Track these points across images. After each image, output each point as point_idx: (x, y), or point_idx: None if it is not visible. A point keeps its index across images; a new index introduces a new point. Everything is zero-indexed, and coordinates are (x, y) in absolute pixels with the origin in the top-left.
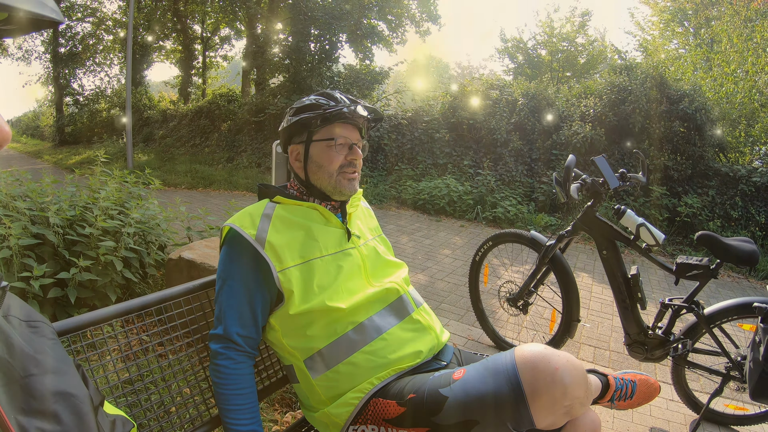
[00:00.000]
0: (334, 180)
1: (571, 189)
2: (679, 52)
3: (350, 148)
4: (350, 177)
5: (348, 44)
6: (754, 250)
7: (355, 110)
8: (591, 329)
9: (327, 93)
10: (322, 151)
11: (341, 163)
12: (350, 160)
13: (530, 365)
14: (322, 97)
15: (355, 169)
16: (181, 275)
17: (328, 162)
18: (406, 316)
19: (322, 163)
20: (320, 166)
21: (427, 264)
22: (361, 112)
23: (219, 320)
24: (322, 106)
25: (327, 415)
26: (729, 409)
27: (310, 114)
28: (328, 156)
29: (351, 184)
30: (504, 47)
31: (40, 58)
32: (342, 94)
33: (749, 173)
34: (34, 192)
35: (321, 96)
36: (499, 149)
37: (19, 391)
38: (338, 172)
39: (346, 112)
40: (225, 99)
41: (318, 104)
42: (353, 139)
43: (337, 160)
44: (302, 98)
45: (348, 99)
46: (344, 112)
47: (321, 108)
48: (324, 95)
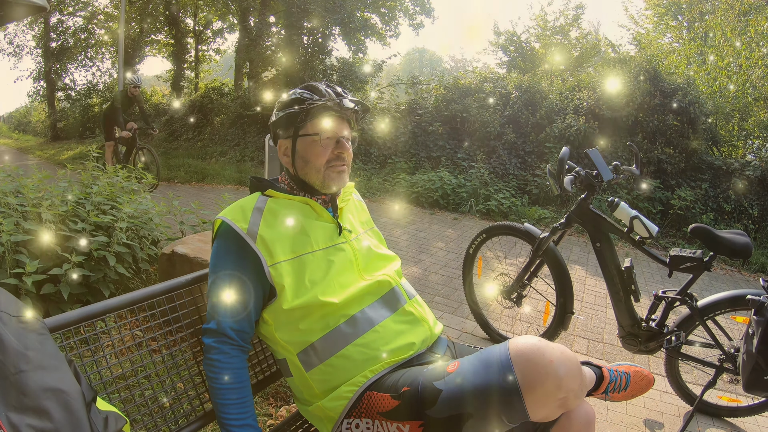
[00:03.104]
0: (322, 175)
1: (565, 181)
2: (672, 45)
3: (337, 141)
4: (339, 170)
5: (341, 37)
6: (747, 243)
7: (340, 103)
8: (585, 321)
9: (311, 86)
10: (308, 146)
11: (328, 158)
12: (338, 154)
13: (524, 358)
14: (306, 91)
15: (344, 162)
16: (175, 270)
17: (314, 157)
18: (399, 308)
19: (308, 158)
20: (307, 162)
21: (420, 257)
22: (346, 104)
23: (212, 314)
24: (306, 100)
25: (321, 408)
26: (722, 400)
27: (294, 109)
28: (314, 151)
29: (340, 177)
30: (497, 40)
31: (31, 53)
32: (327, 86)
33: (742, 167)
34: (26, 188)
35: (305, 89)
36: (493, 142)
37: (9, 387)
38: (326, 166)
39: (330, 106)
40: (218, 93)
41: (302, 98)
42: (340, 132)
43: (324, 155)
44: (289, 91)
45: (333, 91)
46: (328, 105)
47: (305, 102)
48: (308, 88)
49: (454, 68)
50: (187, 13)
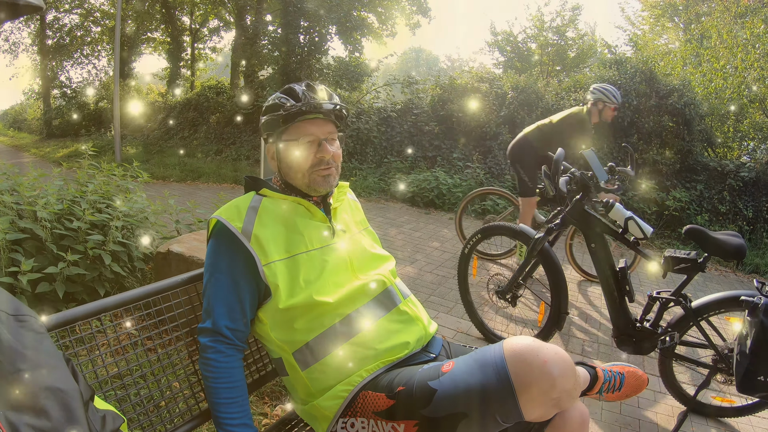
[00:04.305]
0: (307, 179)
1: (560, 182)
2: (669, 47)
3: (320, 144)
4: (324, 174)
5: (338, 36)
6: (742, 244)
7: (317, 105)
8: (579, 322)
9: (289, 89)
10: (290, 151)
11: (312, 162)
12: (320, 158)
13: (519, 358)
14: (284, 96)
15: (329, 165)
16: (170, 269)
17: (296, 162)
18: (393, 308)
19: (291, 163)
20: (290, 167)
21: (416, 256)
22: (325, 106)
23: (207, 314)
24: (283, 105)
25: (316, 408)
26: (716, 401)
27: (273, 115)
28: (296, 156)
29: (326, 180)
30: (494, 40)
31: (27, 51)
32: (306, 88)
33: (737, 168)
34: (22, 186)
35: (284, 94)
36: (489, 142)
37: (7, 386)
38: (310, 170)
39: (305, 110)
40: (214, 91)
41: (279, 104)
42: (322, 135)
43: (307, 160)
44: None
45: (310, 93)
46: (303, 110)
47: (282, 108)
48: (286, 92)
49: (451, 68)
50: (183, 11)
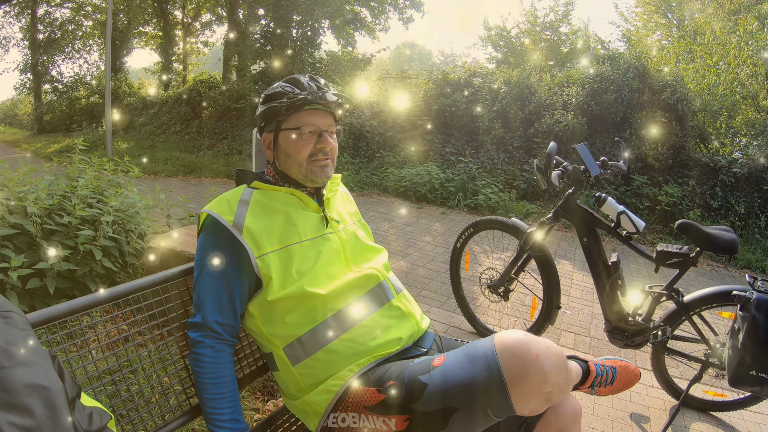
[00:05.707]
0: (304, 169)
1: (552, 176)
2: (662, 43)
3: (320, 135)
4: (322, 164)
5: (330, 30)
6: (734, 239)
7: (321, 96)
8: (571, 316)
9: (294, 79)
10: (289, 140)
11: (311, 152)
12: (320, 148)
13: (510, 352)
14: (288, 84)
15: (327, 156)
16: (161, 264)
17: (296, 151)
18: (386, 303)
19: (290, 152)
20: (288, 156)
21: (408, 251)
22: (329, 97)
23: (197, 308)
24: (287, 93)
25: (307, 402)
26: (708, 395)
27: (275, 103)
28: (295, 145)
29: (323, 171)
30: (487, 35)
31: (18, 45)
32: (310, 79)
33: (729, 164)
34: (12, 181)
35: (288, 83)
36: (481, 137)
37: None
38: (308, 160)
39: (311, 99)
40: (206, 86)
41: (283, 92)
42: (323, 126)
43: (306, 149)
44: (273, 84)
45: (315, 84)
46: (309, 99)
47: (286, 96)
48: (290, 81)
49: (444, 63)
50: (175, 5)
